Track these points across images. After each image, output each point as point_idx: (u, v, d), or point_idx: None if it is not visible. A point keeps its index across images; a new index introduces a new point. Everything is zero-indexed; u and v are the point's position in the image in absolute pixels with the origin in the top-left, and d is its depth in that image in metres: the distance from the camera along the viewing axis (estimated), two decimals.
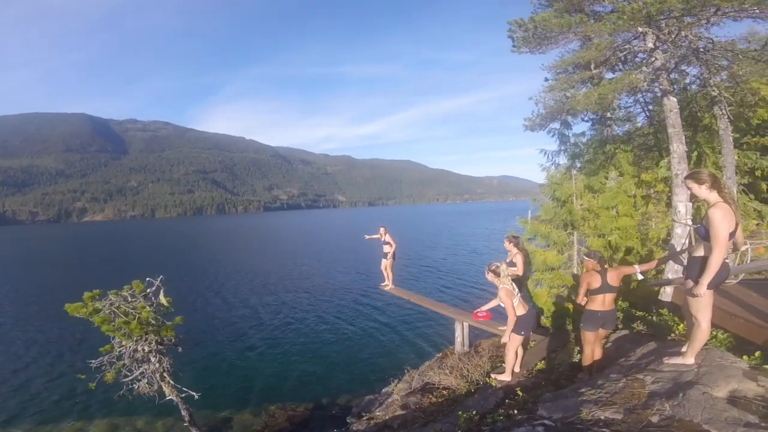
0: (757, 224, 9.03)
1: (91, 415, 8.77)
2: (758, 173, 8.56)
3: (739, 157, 8.46)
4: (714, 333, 4.05)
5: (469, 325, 7.99)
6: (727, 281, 4.97)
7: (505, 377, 5.11)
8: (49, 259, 42.53)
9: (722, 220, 2.86)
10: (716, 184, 2.99)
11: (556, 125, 8.12)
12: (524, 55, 7.81)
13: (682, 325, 4.90)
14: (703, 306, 3.16)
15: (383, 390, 8.72)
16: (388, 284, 9.92)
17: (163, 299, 4.87)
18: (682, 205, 6.39)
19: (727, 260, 3.12)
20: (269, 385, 10.33)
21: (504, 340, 5.05)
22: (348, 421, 7.86)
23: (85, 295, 4.45)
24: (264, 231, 77.97)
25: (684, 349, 3.49)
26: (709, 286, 3.02)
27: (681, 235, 6.24)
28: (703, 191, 3.01)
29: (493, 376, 5.30)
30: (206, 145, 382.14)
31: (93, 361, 4.54)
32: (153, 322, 4.67)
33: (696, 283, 3.10)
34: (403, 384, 8.02)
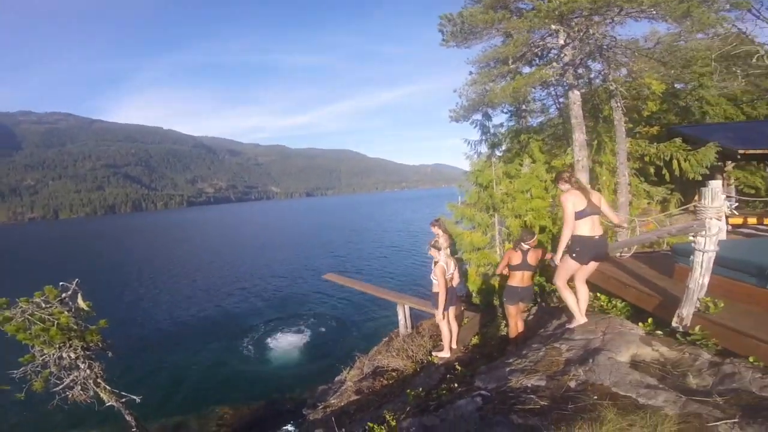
0: (648, 203, 10.54)
1: (28, 427, 8.11)
2: (647, 159, 9.91)
3: (631, 144, 9.73)
4: (613, 302, 4.57)
5: (410, 307, 8.40)
6: (621, 254, 5.77)
7: (445, 354, 5.49)
8: None
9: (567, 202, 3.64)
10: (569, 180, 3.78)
11: (478, 116, 8.70)
12: (452, 50, 8.24)
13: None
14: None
15: (336, 378, 8.66)
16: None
17: (82, 303, 4.60)
18: None
19: (601, 236, 3.73)
20: (216, 385, 9.92)
21: (438, 317, 5.31)
22: (304, 412, 7.73)
23: None
24: (187, 227, 72.95)
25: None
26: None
27: None
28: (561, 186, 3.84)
29: (434, 354, 5.67)
30: (116, 136, 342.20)
31: (15, 371, 4.28)
32: (75, 327, 4.40)
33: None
34: (355, 370, 7.98)
